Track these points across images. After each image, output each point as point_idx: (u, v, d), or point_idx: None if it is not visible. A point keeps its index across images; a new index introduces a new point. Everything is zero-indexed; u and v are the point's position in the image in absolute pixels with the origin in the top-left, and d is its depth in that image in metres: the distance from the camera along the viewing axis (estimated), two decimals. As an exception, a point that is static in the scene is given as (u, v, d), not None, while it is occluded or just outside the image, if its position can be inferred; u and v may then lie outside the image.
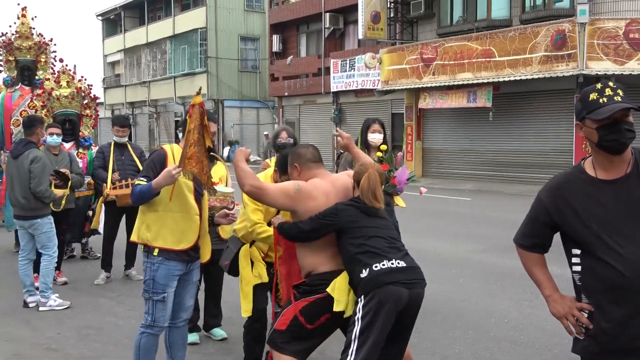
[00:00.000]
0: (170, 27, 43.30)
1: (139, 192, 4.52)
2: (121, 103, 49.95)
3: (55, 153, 8.28)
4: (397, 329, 4.02)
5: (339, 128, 5.75)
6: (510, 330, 6.58)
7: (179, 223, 4.63)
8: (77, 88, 9.88)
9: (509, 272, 9.02)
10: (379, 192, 4.19)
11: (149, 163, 4.69)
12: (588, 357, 3.04)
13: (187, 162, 4.41)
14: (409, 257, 4.09)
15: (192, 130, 4.40)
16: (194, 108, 4.43)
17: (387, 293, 3.86)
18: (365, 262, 3.95)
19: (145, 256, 4.71)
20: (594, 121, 2.88)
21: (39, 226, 7.41)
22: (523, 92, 22.03)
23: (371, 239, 4.02)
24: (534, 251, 3.24)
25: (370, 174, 4.20)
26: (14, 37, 10.83)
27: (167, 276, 4.63)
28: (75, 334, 6.56)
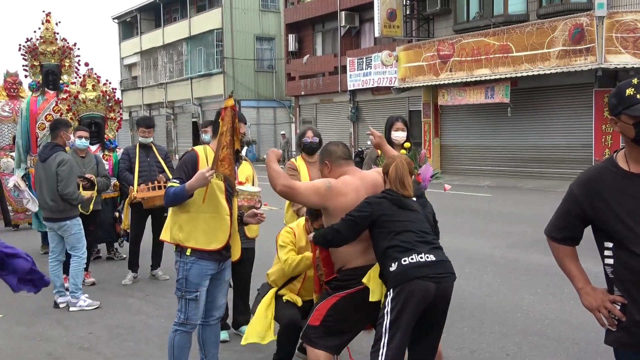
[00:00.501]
0: (186, 29, 43.53)
1: (173, 194, 4.58)
2: (138, 105, 50.28)
3: (82, 156, 8.44)
4: (427, 323, 4.07)
5: (371, 127, 5.81)
6: (537, 324, 6.61)
7: (211, 223, 4.70)
8: (102, 92, 10.03)
9: (532, 268, 9.05)
10: (407, 180, 4.28)
11: (180, 165, 4.75)
12: (621, 349, 3.07)
13: (220, 164, 4.48)
14: (439, 251, 4.11)
15: (224, 132, 4.47)
16: (226, 110, 4.49)
17: (415, 287, 3.92)
18: (395, 256, 4.00)
19: (177, 256, 4.78)
20: (631, 117, 2.90)
21: (67, 228, 7.53)
22: (541, 87, 21.97)
23: (402, 233, 4.06)
24: (566, 244, 3.27)
25: (397, 162, 4.31)
26: (39, 42, 10.98)
27: (200, 275, 4.71)
28: (106, 333, 6.67)
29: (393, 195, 4.21)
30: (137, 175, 8.57)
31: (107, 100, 10.12)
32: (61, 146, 7.74)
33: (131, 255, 8.92)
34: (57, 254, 7.70)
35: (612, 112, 3.03)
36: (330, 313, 4.37)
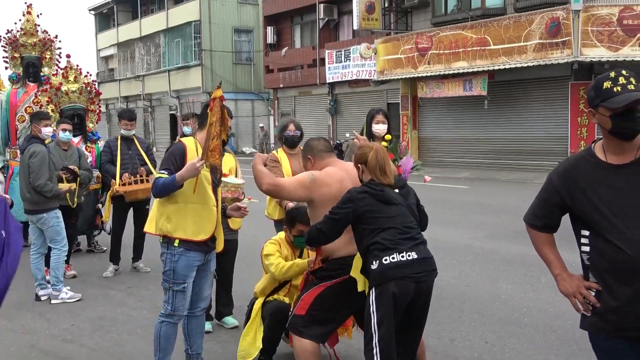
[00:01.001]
0: (164, 21, 43.27)
1: (162, 185, 4.58)
2: (115, 97, 49.92)
3: (64, 148, 8.40)
4: (409, 318, 4.15)
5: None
6: (515, 313, 6.74)
7: (199, 214, 4.73)
8: (85, 83, 10.02)
9: (510, 258, 9.19)
10: (388, 167, 4.22)
11: (168, 156, 4.75)
12: (595, 333, 3.18)
13: (211, 154, 4.51)
14: (422, 246, 4.12)
15: (214, 123, 4.50)
16: (214, 101, 4.52)
17: (395, 288, 3.96)
18: (376, 254, 4.02)
19: (164, 247, 4.80)
20: (608, 109, 3.01)
21: (45, 221, 7.50)
22: (518, 79, 22.18)
23: (384, 230, 4.05)
24: (545, 231, 3.37)
25: (377, 149, 4.24)
26: (19, 34, 10.90)
27: (188, 267, 4.75)
28: (89, 325, 6.70)
29: (375, 190, 4.14)
30: (119, 167, 8.57)
31: (89, 92, 10.11)
32: (38, 138, 7.69)
33: (113, 248, 8.92)
34: (38, 247, 7.70)
35: (590, 105, 3.13)
36: (315, 302, 4.45)
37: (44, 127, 7.85)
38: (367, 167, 4.23)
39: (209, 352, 5.69)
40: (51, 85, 9.94)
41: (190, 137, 4.99)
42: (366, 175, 4.26)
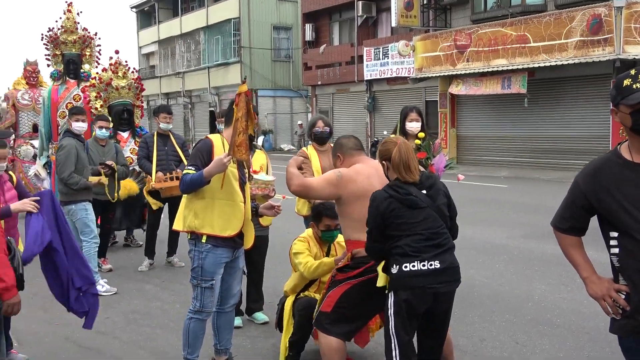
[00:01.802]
0: (204, 18, 43.62)
1: (190, 181, 4.62)
2: (156, 94, 50.52)
3: (102, 144, 8.66)
4: (429, 325, 4.13)
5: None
6: (547, 313, 6.66)
7: (226, 210, 4.76)
8: (133, 79, 10.23)
9: (545, 258, 9.08)
10: (412, 164, 4.07)
11: (195, 152, 4.80)
12: (625, 336, 3.13)
13: (237, 150, 4.53)
14: (447, 255, 4.00)
15: (239, 118, 4.51)
16: (240, 96, 4.53)
17: (411, 296, 3.94)
18: (397, 258, 3.96)
19: (192, 244, 4.84)
20: (627, 106, 2.97)
21: (73, 212, 7.62)
22: (559, 77, 21.86)
23: (409, 236, 3.95)
24: (572, 234, 3.33)
25: (400, 145, 4.09)
26: (60, 31, 11.11)
27: (215, 264, 4.78)
28: (123, 318, 6.81)
29: (400, 193, 3.99)
30: (155, 163, 8.68)
31: (136, 88, 10.32)
32: (70, 132, 7.85)
33: (148, 242, 9.05)
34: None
35: (612, 103, 3.10)
36: (342, 300, 4.46)
37: (74, 122, 8.02)
38: (392, 164, 4.10)
39: (239, 347, 5.73)
40: (101, 80, 10.12)
41: (217, 133, 5.02)
42: (391, 172, 4.13)
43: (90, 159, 8.45)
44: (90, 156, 8.49)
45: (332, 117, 33.71)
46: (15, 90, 12.34)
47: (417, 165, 4.16)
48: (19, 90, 12.21)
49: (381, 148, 4.23)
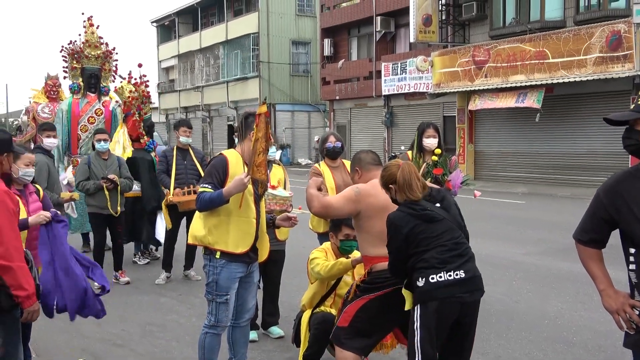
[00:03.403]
0: (223, 33, 43.95)
1: (209, 200, 4.62)
2: (175, 108, 50.87)
3: (104, 158, 8.71)
4: (455, 338, 4.13)
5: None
6: (563, 331, 6.63)
7: (240, 227, 4.78)
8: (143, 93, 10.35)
9: (562, 275, 9.04)
10: (414, 182, 4.10)
11: (210, 170, 4.80)
12: (638, 351, 3.14)
13: (257, 170, 4.58)
14: (470, 264, 4.05)
15: (259, 138, 4.55)
16: (260, 117, 4.57)
17: (440, 307, 3.95)
18: (422, 271, 3.98)
19: (207, 259, 4.87)
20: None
21: None
22: (577, 94, 21.79)
23: (431, 250, 3.99)
24: (592, 246, 3.36)
25: (402, 166, 4.15)
26: (84, 45, 11.21)
27: (230, 278, 4.81)
28: (139, 330, 6.85)
29: (416, 209, 4.04)
30: (174, 178, 8.74)
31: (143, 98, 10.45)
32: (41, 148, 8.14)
33: (165, 256, 9.10)
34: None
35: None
36: (358, 314, 4.47)
37: (45, 138, 8.20)
38: (397, 186, 4.14)
39: (254, 360, 5.76)
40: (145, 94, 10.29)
41: (231, 149, 5.05)
42: (399, 194, 4.15)
43: (93, 174, 8.54)
44: (93, 171, 8.57)
45: (349, 132, 33.76)
46: (35, 104, 12.47)
47: (421, 184, 4.17)
48: (40, 104, 12.34)
49: (385, 173, 4.23)
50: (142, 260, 10.25)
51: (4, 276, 3.92)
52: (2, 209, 3.95)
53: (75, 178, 8.77)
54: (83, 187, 8.51)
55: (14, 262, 3.92)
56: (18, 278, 3.94)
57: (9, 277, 3.92)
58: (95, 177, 8.52)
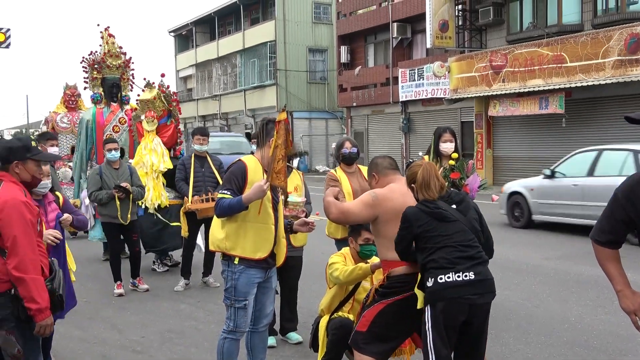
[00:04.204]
0: (240, 41, 44.16)
1: (228, 207, 4.66)
2: (193, 116, 51.12)
3: (115, 167, 8.77)
4: (467, 339, 4.13)
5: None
6: (584, 335, 6.57)
7: (258, 232, 4.81)
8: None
9: (582, 279, 8.97)
10: (432, 182, 4.19)
11: (229, 176, 4.83)
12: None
13: (276, 176, 4.61)
14: (480, 267, 4.06)
15: (279, 145, 4.59)
16: (279, 124, 4.61)
17: (448, 307, 3.97)
18: (432, 272, 4.02)
19: (225, 265, 4.90)
20: None
21: None
22: (596, 97, 21.63)
23: (442, 249, 4.03)
24: (609, 247, 3.35)
25: (424, 166, 4.25)
26: (106, 55, 11.30)
27: (248, 284, 4.83)
28: (158, 337, 6.88)
29: (430, 207, 4.12)
30: (192, 186, 8.77)
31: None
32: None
33: (184, 263, 9.13)
34: None
35: None
36: (377, 319, 4.47)
37: (49, 147, 8.26)
38: (416, 185, 4.25)
39: (272, 366, 5.76)
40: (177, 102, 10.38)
41: (250, 155, 5.08)
42: (418, 194, 4.26)
43: (105, 184, 8.61)
44: (105, 181, 8.63)
45: (367, 138, 33.73)
46: (55, 114, 12.61)
47: (440, 184, 4.24)
48: (59, 114, 12.47)
49: (408, 173, 4.36)
50: (161, 267, 10.30)
51: (18, 288, 3.93)
52: (18, 219, 3.95)
53: (87, 188, 8.84)
54: (96, 197, 8.58)
55: (28, 274, 3.91)
56: (31, 290, 3.92)
57: (23, 288, 3.92)
58: (107, 187, 8.58)
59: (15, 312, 3.96)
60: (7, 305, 3.96)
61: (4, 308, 3.96)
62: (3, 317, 3.96)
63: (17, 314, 3.97)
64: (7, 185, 4.09)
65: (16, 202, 3.97)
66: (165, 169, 9.70)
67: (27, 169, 4.23)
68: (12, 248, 3.91)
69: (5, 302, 3.96)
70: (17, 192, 4.07)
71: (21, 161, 4.20)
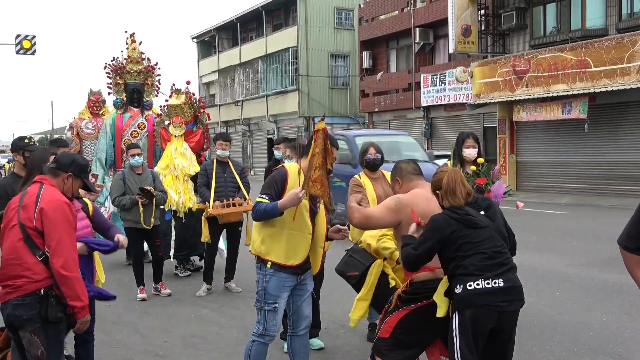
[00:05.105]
0: (263, 47, 44.30)
1: (264, 211, 4.73)
2: (216, 122, 51.31)
3: (138, 173, 8.83)
4: (494, 348, 4.10)
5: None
6: (609, 343, 6.49)
7: (294, 240, 4.84)
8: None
9: (607, 286, 8.86)
10: (458, 188, 4.17)
11: (270, 181, 4.89)
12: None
13: (312, 185, 4.64)
14: (510, 273, 4.04)
15: (317, 154, 4.64)
16: (318, 133, 4.66)
17: (477, 314, 3.94)
18: (461, 278, 4.00)
19: (258, 268, 4.94)
20: None
21: None
22: (621, 102, 21.42)
23: (471, 256, 4.00)
24: (637, 253, 3.30)
25: (449, 173, 4.24)
26: (126, 61, 11.41)
27: (279, 287, 4.85)
28: (180, 342, 6.90)
29: (460, 214, 4.09)
30: (214, 191, 8.80)
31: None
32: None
33: (206, 267, 9.16)
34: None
35: None
36: (399, 326, 4.45)
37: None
38: (442, 192, 4.23)
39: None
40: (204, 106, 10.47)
41: (294, 163, 5.12)
42: (444, 200, 4.24)
43: (129, 189, 8.67)
44: (129, 186, 8.70)
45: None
46: (79, 119, 12.68)
47: (466, 190, 4.21)
48: (83, 120, 12.54)
49: (433, 179, 4.33)
50: (184, 272, 10.33)
51: (63, 287, 4.03)
52: (63, 220, 4.08)
53: (111, 194, 8.92)
54: (119, 202, 8.64)
55: (72, 273, 4.06)
56: (76, 289, 4.07)
57: (67, 287, 4.04)
58: (130, 192, 8.65)
59: (43, 313, 4.04)
60: (34, 305, 4.04)
61: (31, 308, 4.04)
62: (29, 318, 4.03)
63: (45, 315, 4.04)
64: (49, 188, 4.24)
65: (61, 203, 4.16)
66: (194, 172, 9.76)
67: (74, 185, 4.44)
68: (57, 248, 4.03)
69: (32, 302, 4.04)
70: (59, 194, 4.24)
71: (75, 176, 4.40)
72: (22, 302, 4.04)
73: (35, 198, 4.13)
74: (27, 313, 4.03)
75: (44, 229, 4.05)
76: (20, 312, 4.04)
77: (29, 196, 4.17)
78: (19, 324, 4.07)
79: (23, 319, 4.04)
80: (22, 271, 4.04)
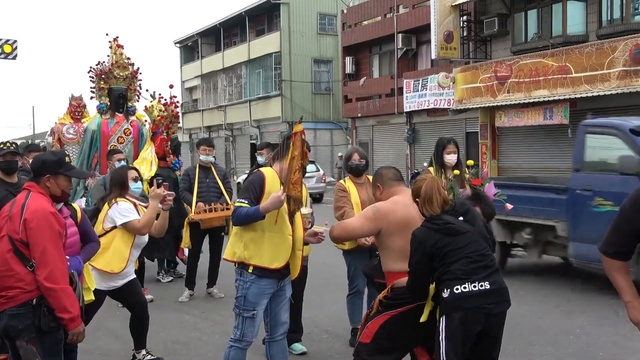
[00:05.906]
0: (246, 52, 44.27)
1: (245, 216, 4.71)
2: (198, 127, 51.25)
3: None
4: (480, 350, 4.13)
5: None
6: (589, 347, 6.55)
7: (275, 242, 4.84)
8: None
9: (587, 291, 8.94)
10: (435, 197, 4.19)
11: (247, 185, 4.89)
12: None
13: (293, 187, 4.65)
14: (495, 276, 4.08)
15: (296, 157, 4.65)
16: (296, 136, 4.67)
17: (465, 317, 3.97)
18: (448, 283, 4.03)
19: (238, 274, 4.92)
20: None
21: None
22: (601, 108, 21.51)
23: (457, 261, 4.04)
24: (617, 258, 3.36)
25: (427, 181, 4.26)
26: (113, 66, 11.33)
27: (259, 294, 4.84)
28: (162, 348, 6.88)
29: (439, 224, 4.12)
30: (196, 196, 8.78)
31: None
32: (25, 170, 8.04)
33: (188, 273, 9.13)
34: None
35: None
36: (380, 331, 4.47)
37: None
38: (420, 200, 4.26)
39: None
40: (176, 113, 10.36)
41: (268, 166, 5.11)
42: (423, 208, 4.26)
43: None
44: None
45: (372, 149, 33.71)
46: (61, 124, 12.60)
47: (442, 199, 4.23)
48: (65, 125, 12.46)
49: (413, 187, 4.36)
50: (166, 278, 10.29)
51: (49, 298, 3.97)
52: (47, 230, 3.99)
53: (92, 199, 8.85)
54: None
55: (58, 285, 3.97)
56: (62, 301, 3.99)
57: (53, 299, 3.97)
58: None
59: (37, 322, 4.00)
60: (28, 315, 4.01)
61: (25, 318, 4.00)
62: (24, 328, 4.00)
63: (38, 325, 4.00)
64: (35, 196, 4.15)
65: (45, 213, 4.04)
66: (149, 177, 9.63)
67: (58, 183, 4.28)
68: (41, 259, 3.96)
69: (26, 312, 4.01)
70: (45, 202, 4.13)
71: (53, 175, 4.25)
72: (16, 312, 4.00)
73: (20, 208, 4.06)
74: (22, 323, 4.00)
75: (28, 240, 3.98)
76: (15, 322, 4.00)
77: (16, 206, 4.10)
78: (15, 334, 4.03)
79: (18, 328, 4.00)
80: (14, 282, 3.99)
